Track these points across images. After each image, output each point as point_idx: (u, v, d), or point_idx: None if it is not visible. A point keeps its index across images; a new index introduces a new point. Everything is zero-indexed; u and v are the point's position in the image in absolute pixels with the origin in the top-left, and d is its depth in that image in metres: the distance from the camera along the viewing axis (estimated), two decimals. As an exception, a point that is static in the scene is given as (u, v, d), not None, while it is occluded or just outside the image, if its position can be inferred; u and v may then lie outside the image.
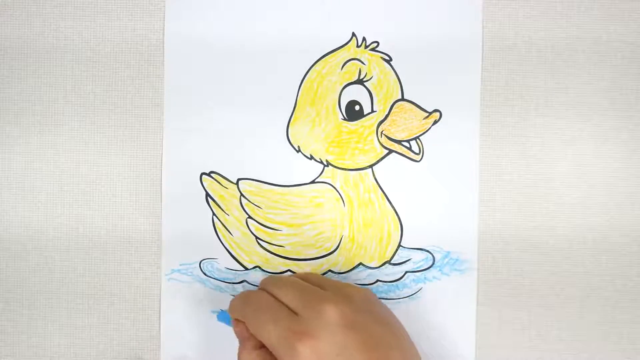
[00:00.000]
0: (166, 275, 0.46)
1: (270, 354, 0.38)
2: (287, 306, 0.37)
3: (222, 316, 0.44)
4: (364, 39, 0.46)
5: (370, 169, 0.46)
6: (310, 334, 0.35)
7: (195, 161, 0.46)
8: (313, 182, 0.46)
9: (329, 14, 0.46)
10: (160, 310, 0.46)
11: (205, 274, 0.46)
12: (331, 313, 0.36)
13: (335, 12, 0.46)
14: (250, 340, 0.39)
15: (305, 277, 0.41)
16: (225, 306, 0.42)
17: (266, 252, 0.46)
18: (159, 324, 0.46)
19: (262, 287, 0.40)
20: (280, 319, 0.36)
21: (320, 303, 0.36)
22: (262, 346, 0.39)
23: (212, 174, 0.46)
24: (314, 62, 0.46)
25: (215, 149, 0.46)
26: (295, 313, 0.37)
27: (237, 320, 0.40)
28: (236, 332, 0.40)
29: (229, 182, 0.46)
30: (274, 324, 0.36)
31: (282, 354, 0.35)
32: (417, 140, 0.46)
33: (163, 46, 0.46)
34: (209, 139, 0.46)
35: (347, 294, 0.38)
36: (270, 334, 0.36)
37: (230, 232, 0.46)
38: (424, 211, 0.46)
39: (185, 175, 0.46)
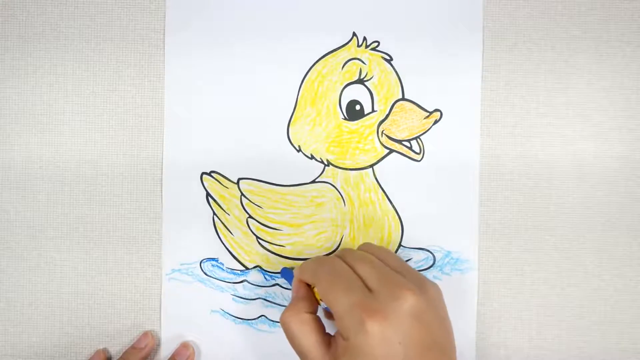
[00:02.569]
0: (166, 275, 0.46)
1: (318, 322, 0.38)
2: (362, 280, 0.37)
3: (285, 272, 0.44)
4: (364, 38, 0.46)
5: (370, 169, 0.46)
6: (382, 314, 0.34)
7: (195, 161, 0.46)
8: (314, 181, 0.46)
9: (330, 14, 0.46)
10: (160, 310, 0.46)
11: (205, 274, 0.46)
12: (407, 300, 0.35)
13: (335, 12, 0.46)
14: (304, 302, 0.39)
15: (384, 257, 0.40)
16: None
17: (267, 251, 0.46)
18: (159, 323, 0.46)
19: (339, 256, 0.40)
20: (355, 290, 0.36)
21: (398, 287, 0.36)
22: (311, 312, 0.39)
23: (213, 174, 0.46)
24: (314, 61, 0.46)
25: (215, 148, 0.46)
26: (370, 290, 0.36)
27: (299, 281, 0.40)
28: (294, 290, 0.41)
29: (229, 182, 0.46)
30: (347, 293, 0.36)
31: (347, 323, 0.35)
32: (418, 139, 0.46)
33: (163, 46, 0.46)
34: (209, 139, 0.46)
35: (423, 287, 0.37)
36: (341, 301, 0.36)
37: (230, 232, 0.46)
38: (424, 211, 0.46)
39: (186, 175, 0.46)
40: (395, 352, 0.34)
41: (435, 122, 0.46)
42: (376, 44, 0.46)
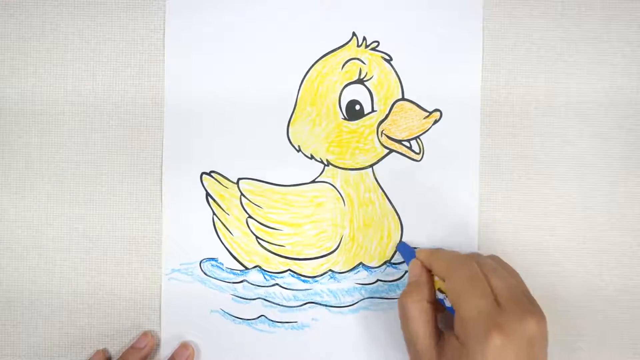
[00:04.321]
0: (166, 275, 0.46)
1: (434, 313, 0.40)
2: (494, 293, 0.38)
3: (404, 248, 0.44)
4: (364, 38, 0.46)
5: (370, 169, 0.46)
6: (506, 331, 0.35)
7: (195, 161, 0.46)
8: (313, 181, 0.46)
9: (330, 14, 0.46)
10: (160, 310, 0.46)
11: (205, 274, 0.46)
12: (530, 326, 0.36)
13: (335, 12, 0.46)
14: (426, 289, 0.41)
15: (515, 279, 0.40)
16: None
17: (266, 251, 0.46)
18: (159, 323, 0.46)
19: (475, 261, 0.40)
20: (487, 299, 0.37)
21: (526, 311, 0.37)
22: (432, 301, 0.40)
23: (213, 174, 0.46)
24: (314, 61, 0.46)
25: (215, 148, 0.46)
26: (498, 304, 0.37)
27: (422, 265, 0.42)
28: (415, 274, 0.42)
29: (229, 182, 0.46)
30: (479, 300, 0.37)
31: (470, 329, 0.36)
32: (418, 139, 0.46)
33: (163, 46, 0.46)
34: (209, 139, 0.46)
35: (542, 317, 0.38)
36: (471, 306, 0.37)
37: (230, 232, 0.46)
38: (424, 211, 0.46)
39: (186, 175, 0.46)
40: None
41: (435, 122, 0.46)
42: (376, 44, 0.46)
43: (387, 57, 0.46)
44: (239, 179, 0.46)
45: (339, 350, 0.46)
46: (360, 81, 0.46)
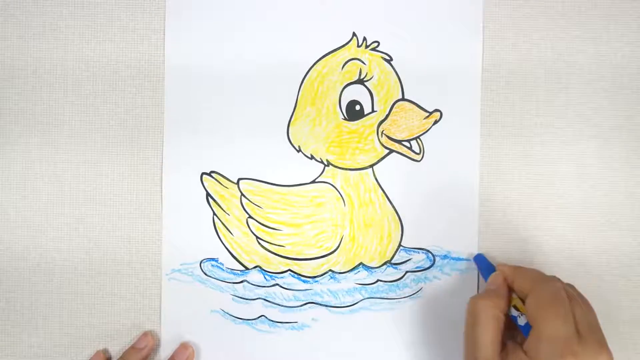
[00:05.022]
0: (166, 275, 0.46)
1: (504, 325, 0.39)
2: (575, 320, 0.38)
3: (481, 259, 0.44)
4: (364, 38, 0.46)
5: (370, 169, 0.46)
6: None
7: (195, 161, 0.46)
8: (313, 181, 0.46)
9: (330, 14, 0.46)
10: (160, 310, 0.46)
11: (205, 274, 0.46)
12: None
13: (335, 12, 0.46)
14: (503, 301, 0.40)
15: (592, 312, 0.41)
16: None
17: (267, 251, 0.46)
18: (159, 323, 0.46)
19: (559, 281, 0.41)
20: (568, 324, 0.37)
21: (602, 346, 0.37)
22: (505, 314, 0.40)
23: (213, 174, 0.46)
24: (314, 62, 0.46)
25: (215, 149, 0.46)
26: (578, 332, 0.37)
27: (504, 279, 0.42)
28: (495, 284, 0.42)
29: (229, 182, 0.46)
30: (563, 323, 0.37)
31: (544, 349, 0.37)
32: (418, 140, 0.46)
33: (163, 46, 0.46)
34: (209, 139, 0.46)
35: (612, 357, 0.38)
36: (551, 327, 0.37)
37: (230, 232, 0.46)
38: (424, 211, 0.46)
39: (186, 175, 0.46)
40: None
41: (435, 122, 0.46)
42: (376, 44, 0.46)
43: (387, 57, 0.46)
44: (239, 179, 0.46)
45: (339, 350, 0.46)
46: (360, 81, 0.46)
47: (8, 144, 0.46)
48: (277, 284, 0.46)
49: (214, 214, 0.46)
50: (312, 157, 0.46)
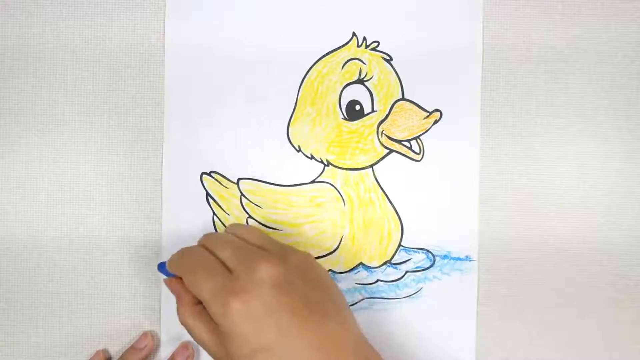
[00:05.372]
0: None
1: (206, 310, 0.38)
2: (223, 263, 0.37)
3: (162, 268, 0.43)
4: (364, 38, 0.46)
5: (370, 169, 0.46)
6: (243, 292, 0.35)
7: (195, 161, 0.46)
8: (313, 181, 0.46)
9: (330, 14, 0.46)
10: (160, 310, 0.46)
11: (205, 274, 0.46)
12: (263, 272, 0.35)
13: (335, 12, 0.46)
14: (187, 296, 0.39)
15: (247, 236, 0.40)
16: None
17: (266, 251, 0.46)
18: (159, 323, 0.46)
19: (201, 244, 0.40)
20: (216, 275, 0.36)
21: (254, 261, 0.36)
22: (198, 302, 0.39)
23: (213, 174, 0.46)
24: (314, 61, 0.46)
25: (215, 148, 0.46)
26: (231, 271, 0.37)
27: (174, 278, 0.41)
28: (171, 288, 0.41)
29: (229, 182, 0.46)
30: (209, 279, 0.36)
31: (214, 309, 0.35)
32: (418, 140, 0.46)
33: (163, 46, 0.46)
34: (209, 139, 0.46)
35: (283, 255, 0.38)
36: (205, 289, 0.36)
37: (230, 232, 0.46)
38: (424, 211, 0.46)
39: (186, 175, 0.46)
40: (267, 325, 0.34)
41: (435, 122, 0.46)
42: (376, 44, 0.46)
43: (387, 57, 0.46)
44: (239, 179, 0.46)
45: (339, 350, 0.46)
46: (360, 81, 0.46)
47: (8, 144, 0.46)
48: (277, 284, 0.46)
49: (214, 214, 0.46)
50: (312, 157, 0.46)
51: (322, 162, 0.46)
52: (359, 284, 0.46)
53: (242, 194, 0.46)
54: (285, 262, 0.37)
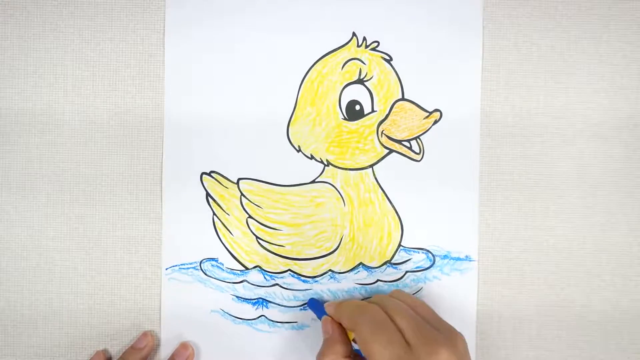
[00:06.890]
0: (166, 275, 0.46)
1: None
2: (401, 333, 0.38)
3: (314, 304, 0.44)
4: (364, 38, 0.46)
5: (370, 169, 0.46)
6: None
7: (195, 161, 0.46)
8: (313, 181, 0.46)
9: (330, 14, 0.46)
10: (160, 310, 0.46)
11: (205, 274, 0.46)
12: (442, 356, 0.36)
13: (335, 12, 0.46)
14: (340, 345, 0.40)
15: (419, 309, 0.41)
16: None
17: (266, 251, 0.46)
18: (159, 323, 0.46)
19: (378, 304, 0.40)
20: (395, 343, 0.37)
21: (434, 344, 0.37)
22: (348, 356, 0.40)
23: (213, 174, 0.46)
24: (314, 61, 0.46)
25: (215, 148, 0.46)
26: (407, 343, 0.37)
27: (332, 321, 0.42)
28: (326, 329, 0.42)
29: (229, 182, 0.46)
30: (387, 346, 0.37)
31: None
32: (418, 139, 0.46)
33: (163, 46, 0.46)
34: (209, 139, 0.46)
35: (454, 340, 0.38)
36: (382, 354, 0.37)
37: (230, 232, 0.46)
38: (424, 211, 0.46)
39: (186, 175, 0.46)
40: None
41: (435, 122, 0.46)
42: (376, 44, 0.46)
43: (387, 57, 0.46)
44: (239, 179, 0.46)
45: (339, 350, 0.46)
46: (360, 81, 0.46)
47: (8, 144, 0.46)
48: (277, 284, 0.46)
49: (214, 213, 0.46)
50: (312, 157, 0.46)
51: (322, 162, 0.46)
52: (359, 284, 0.46)
53: (242, 194, 0.46)
54: (456, 347, 0.38)
